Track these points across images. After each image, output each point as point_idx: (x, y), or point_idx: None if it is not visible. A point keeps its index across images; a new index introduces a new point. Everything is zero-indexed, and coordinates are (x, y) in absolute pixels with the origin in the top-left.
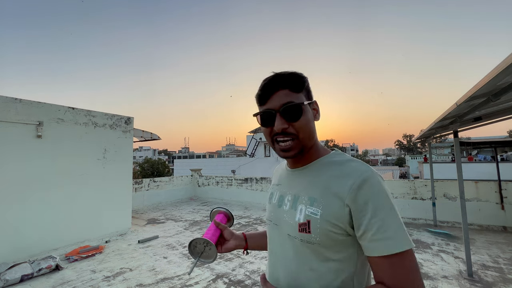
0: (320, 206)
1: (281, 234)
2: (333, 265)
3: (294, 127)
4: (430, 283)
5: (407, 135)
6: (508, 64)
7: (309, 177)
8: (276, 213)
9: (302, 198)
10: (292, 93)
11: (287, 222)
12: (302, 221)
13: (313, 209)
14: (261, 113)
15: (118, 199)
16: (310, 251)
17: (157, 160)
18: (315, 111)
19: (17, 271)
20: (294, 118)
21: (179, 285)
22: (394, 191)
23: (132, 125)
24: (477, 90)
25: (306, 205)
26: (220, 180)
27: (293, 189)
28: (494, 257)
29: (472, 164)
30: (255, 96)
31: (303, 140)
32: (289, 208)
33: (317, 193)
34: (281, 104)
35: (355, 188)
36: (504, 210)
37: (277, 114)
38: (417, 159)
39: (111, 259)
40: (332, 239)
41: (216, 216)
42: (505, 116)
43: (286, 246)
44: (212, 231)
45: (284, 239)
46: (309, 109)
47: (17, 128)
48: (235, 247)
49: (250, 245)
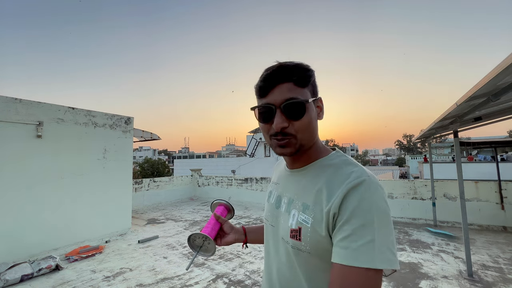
0: (312, 214)
1: (276, 236)
2: (324, 275)
3: (295, 126)
4: (430, 283)
5: (407, 135)
6: (508, 64)
7: (305, 180)
8: (273, 214)
9: (296, 203)
10: (297, 87)
11: (282, 225)
12: (294, 227)
13: (305, 217)
14: (260, 107)
15: (118, 199)
16: (301, 258)
17: (157, 160)
18: (319, 109)
19: (17, 271)
20: (296, 117)
21: (179, 285)
22: (394, 191)
23: (132, 125)
24: (477, 90)
25: (299, 211)
26: (220, 180)
27: (289, 191)
28: (494, 257)
29: (472, 164)
30: (255, 87)
31: (302, 140)
32: (284, 211)
33: (310, 200)
34: (283, 100)
35: (343, 194)
36: (504, 210)
37: (277, 110)
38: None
39: (111, 259)
40: (323, 249)
41: (217, 209)
42: (505, 116)
43: (280, 249)
44: (212, 225)
45: (279, 241)
46: (313, 107)
47: (17, 128)
48: (234, 241)
49: (250, 239)
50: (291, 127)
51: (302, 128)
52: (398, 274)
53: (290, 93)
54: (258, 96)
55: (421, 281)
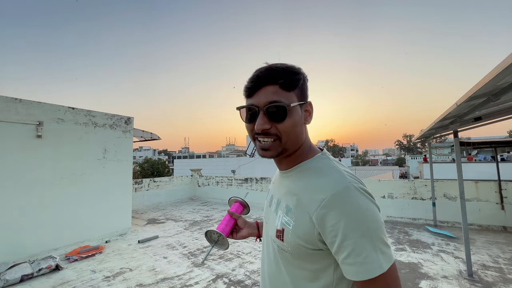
0: (293, 218)
1: (267, 233)
2: (308, 274)
3: (278, 129)
4: (430, 283)
5: (407, 135)
6: (508, 64)
7: (290, 183)
8: (267, 212)
9: (281, 204)
10: (282, 90)
11: (271, 224)
12: (278, 227)
13: (287, 219)
14: (244, 108)
15: (118, 199)
16: (284, 257)
17: (157, 160)
18: (307, 113)
19: (17, 271)
20: (278, 119)
21: (179, 285)
22: (394, 191)
23: (132, 125)
24: (477, 90)
25: (283, 213)
26: (220, 180)
27: (278, 192)
28: (494, 257)
29: (472, 164)
30: (243, 87)
31: (285, 143)
32: (273, 211)
33: (292, 203)
34: (266, 102)
35: (324, 205)
36: (504, 210)
37: (260, 111)
38: (417, 159)
39: (111, 259)
40: (303, 252)
41: (232, 206)
42: (505, 116)
43: (270, 246)
44: (226, 221)
45: (269, 239)
46: (298, 111)
47: (17, 128)
48: (248, 235)
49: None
50: (274, 129)
51: (284, 130)
52: (398, 274)
53: (274, 96)
54: (245, 96)
55: (421, 281)
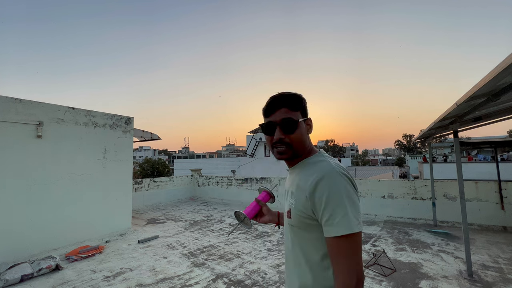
0: (295, 198)
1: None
2: (310, 243)
3: (290, 138)
4: (430, 283)
5: (407, 135)
6: (508, 64)
7: (295, 175)
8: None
9: (289, 192)
10: (291, 111)
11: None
12: (287, 208)
13: (292, 200)
14: (265, 124)
15: (118, 199)
16: (293, 231)
17: (157, 160)
18: (308, 126)
19: (17, 271)
20: (290, 131)
21: (179, 285)
22: (394, 191)
23: (132, 125)
24: (477, 90)
25: (290, 197)
26: (220, 180)
27: (288, 185)
28: (494, 257)
29: (472, 164)
30: (262, 109)
31: (295, 149)
32: (286, 200)
33: (295, 188)
34: (281, 119)
35: (313, 184)
36: (504, 210)
37: (277, 126)
38: (417, 159)
39: (111, 259)
40: (303, 222)
41: (261, 194)
42: (505, 116)
43: (287, 231)
44: (252, 206)
45: (286, 224)
46: (303, 125)
47: (17, 128)
48: (269, 221)
49: (281, 221)
50: (287, 138)
51: (294, 139)
52: (398, 274)
53: (286, 115)
54: (264, 116)
55: (421, 281)
